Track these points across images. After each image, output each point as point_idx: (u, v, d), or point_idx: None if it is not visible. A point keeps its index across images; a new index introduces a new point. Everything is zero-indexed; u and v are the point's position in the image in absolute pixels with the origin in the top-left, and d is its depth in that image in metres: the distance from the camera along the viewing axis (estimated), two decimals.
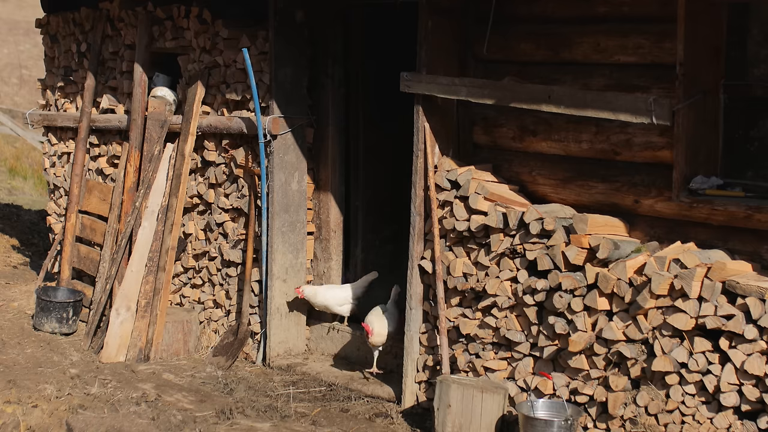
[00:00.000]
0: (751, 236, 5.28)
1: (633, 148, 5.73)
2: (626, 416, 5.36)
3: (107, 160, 8.83)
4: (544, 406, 5.58)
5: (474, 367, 6.10)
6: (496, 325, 5.98)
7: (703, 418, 5.08)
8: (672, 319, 5.14)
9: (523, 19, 6.23)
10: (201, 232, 8.04)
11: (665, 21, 5.41)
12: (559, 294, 5.59)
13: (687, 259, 5.13)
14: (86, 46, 9.02)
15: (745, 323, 4.91)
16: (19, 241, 11.28)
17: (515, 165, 6.36)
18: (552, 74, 6.04)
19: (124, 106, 8.63)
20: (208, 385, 7.00)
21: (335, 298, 7.42)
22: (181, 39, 8.06)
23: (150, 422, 6.08)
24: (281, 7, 7.30)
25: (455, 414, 5.73)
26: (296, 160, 7.48)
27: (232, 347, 7.56)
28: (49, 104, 9.66)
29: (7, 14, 29.22)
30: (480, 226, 6.01)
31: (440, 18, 6.34)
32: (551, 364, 5.76)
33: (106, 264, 8.22)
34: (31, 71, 24.82)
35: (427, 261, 6.34)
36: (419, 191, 6.39)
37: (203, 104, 7.88)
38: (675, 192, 5.44)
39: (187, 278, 8.20)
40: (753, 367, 4.87)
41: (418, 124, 6.37)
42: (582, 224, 5.54)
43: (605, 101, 5.53)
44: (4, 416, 6.14)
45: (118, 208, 8.31)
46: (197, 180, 8.00)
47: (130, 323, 7.68)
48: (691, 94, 5.33)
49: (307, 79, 7.52)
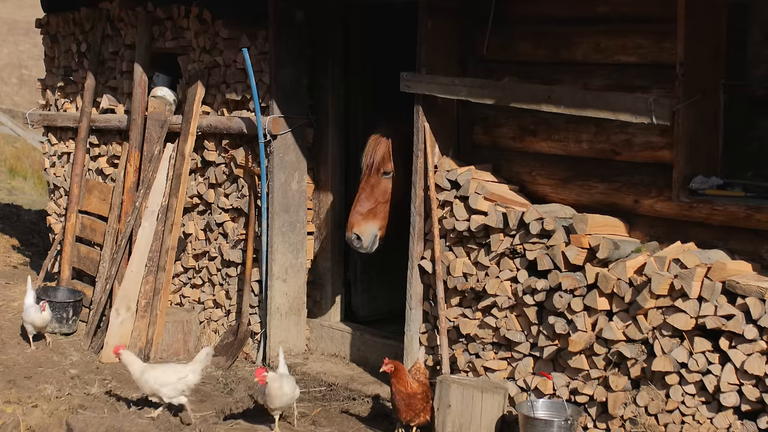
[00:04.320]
0: (751, 236, 5.28)
1: (633, 148, 5.73)
2: (626, 416, 5.36)
3: (107, 160, 8.83)
4: (544, 406, 5.58)
5: (474, 367, 6.10)
6: (496, 325, 5.98)
7: (703, 418, 5.08)
8: (672, 319, 5.14)
9: (523, 19, 6.23)
10: (201, 232, 8.04)
11: (665, 21, 5.41)
12: (559, 294, 5.59)
13: (687, 259, 5.12)
14: (86, 46, 9.02)
15: (745, 323, 4.91)
16: (19, 241, 11.28)
17: (515, 165, 6.36)
18: (552, 74, 6.04)
19: (124, 106, 8.63)
20: (208, 385, 6.99)
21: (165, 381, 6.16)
22: (181, 39, 8.06)
23: (150, 422, 6.08)
24: (281, 7, 7.30)
25: (455, 414, 5.72)
26: (296, 160, 7.48)
27: (232, 347, 7.56)
28: (49, 104, 9.67)
29: (7, 14, 29.21)
30: (480, 226, 6.01)
31: (440, 18, 6.34)
32: (551, 364, 5.76)
33: (106, 264, 8.22)
34: (31, 71, 24.82)
35: (427, 261, 6.34)
36: (419, 191, 6.39)
37: (203, 104, 7.88)
38: (675, 192, 5.43)
39: (187, 278, 8.20)
40: (753, 367, 4.87)
41: (418, 124, 6.37)
42: (582, 224, 5.54)
43: (605, 101, 5.53)
44: (4, 416, 6.14)
45: (118, 208, 8.31)
46: (197, 180, 7.99)
47: (130, 323, 7.68)
48: (691, 94, 5.33)
49: (307, 79, 7.52)
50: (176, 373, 6.14)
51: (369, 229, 6.75)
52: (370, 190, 6.79)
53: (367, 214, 6.75)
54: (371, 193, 6.78)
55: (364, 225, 6.73)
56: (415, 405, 5.72)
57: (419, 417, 5.76)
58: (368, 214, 6.76)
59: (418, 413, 5.75)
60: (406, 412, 5.74)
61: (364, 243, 6.73)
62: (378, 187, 6.79)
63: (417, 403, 5.71)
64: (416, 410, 5.73)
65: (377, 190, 6.78)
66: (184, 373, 6.13)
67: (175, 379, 6.10)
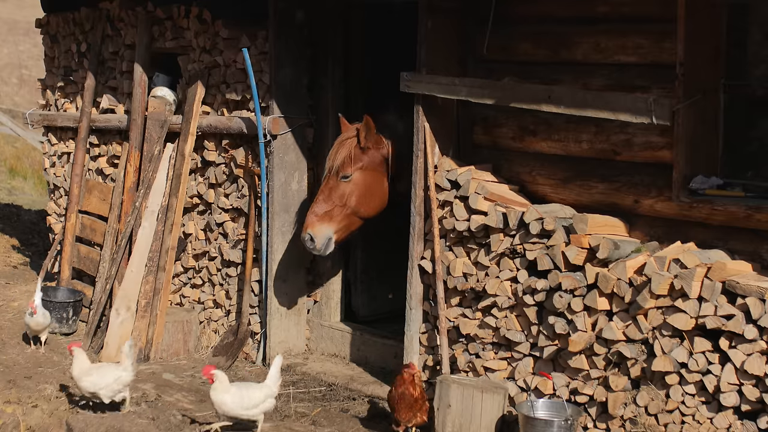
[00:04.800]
0: (751, 236, 5.28)
1: (633, 148, 5.73)
2: (626, 416, 5.36)
3: (107, 160, 8.83)
4: (544, 406, 5.58)
5: (474, 367, 6.10)
6: (496, 325, 5.98)
7: (703, 418, 5.08)
8: (672, 319, 5.14)
9: (523, 19, 6.22)
10: (201, 232, 8.04)
11: (665, 21, 5.41)
12: (559, 294, 5.59)
13: (687, 259, 5.12)
14: (86, 46, 9.02)
15: (745, 323, 4.91)
16: (19, 241, 11.28)
17: (515, 165, 6.36)
18: (552, 74, 6.04)
19: (124, 106, 8.63)
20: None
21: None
22: (181, 39, 8.06)
23: (150, 422, 6.08)
24: (281, 7, 7.30)
25: (455, 414, 5.72)
26: (296, 160, 7.48)
27: (232, 347, 7.56)
28: (49, 104, 9.67)
29: (7, 14, 29.22)
30: (480, 226, 6.01)
31: (440, 18, 6.34)
32: (551, 364, 5.76)
33: (106, 264, 8.22)
34: (31, 71, 24.83)
35: (427, 261, 6.34)
36: (419, 191, 6.39)
37: (203, 104, 7.88)
38: (675, 192, 5.43)
39: (187, 278, 8.20)
40: (753, 367, 4.87)
41: (418, 123, 6.37)
42: (582, 224, 5.54)
43: (605, 101, 5.53)
44: (4, 416, 6.14)
45: (118, 208, 8.31)
46: (197, 180, 7.99)
47: (130, 323, 7.68)
48: (691, 94, 5.33)
49: (307, 79, 7.52)
50: (112, 374, 6.20)
51: (323, 231, 6.72)
52: (328, 193, 6.75)
53: (323, 216, 6.72)
54: (329, 196, 6.74)
55: (318, 226, 6.70)
56: (416, 407, 5.75)
57: (416, 418, 5.79)
58: (324, 216, 6.72)
59: (416, 414, 5.78)
60: (406, 413, 5.75)
61: (317, 245, 6.71)
62: (336, 190, 6.74)
63: (417, 405, 5.74)
64: (415, 411, 5.77)
65: (335, 194, 6.74)
66: (118, 374, 6.20)
67: (111, 380, 6.19)
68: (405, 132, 6.68)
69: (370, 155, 6.74)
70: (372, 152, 6.75)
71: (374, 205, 6.86)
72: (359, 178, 6.74)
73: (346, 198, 6.74)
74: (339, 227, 6.77)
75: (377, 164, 6.80)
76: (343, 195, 6.74)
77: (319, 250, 6.75)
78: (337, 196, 6.74)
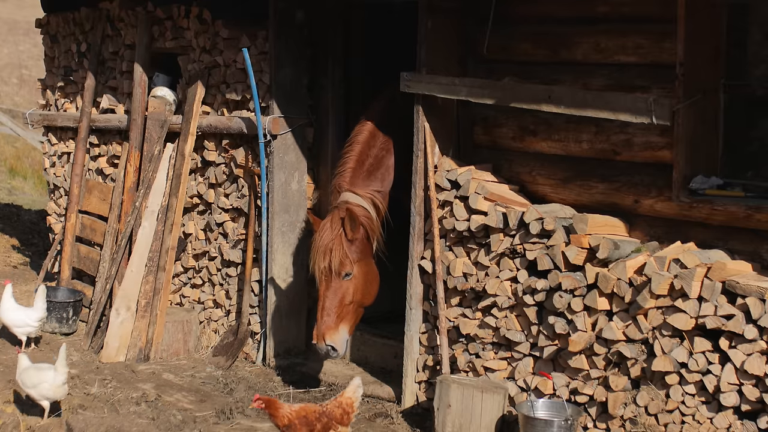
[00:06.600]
0: (751, 236, 5.28)
1: (633, 148, 5.73)
2: (626, 416, 5.36)
3: (107, 160, 8.83)
4: (544, 406, 5.58)
5: (474, 367, 6.10)
6: (496, 325, 5.98)
7: (703, 418, 5.08)
8: (672, 319, 5.14)
9: (523, 19, 6.23)
10: (201, 232, 8.04)
11: (665, 21, 5.41)
12: (559, 294, 5.59)
13: (687, 259, 5.12)
14: (86, 46, 9.02)
15: (745, 323, 4.91)
16: (19, 241, 11.28)
17: (515, 165, 6.36)
18: (552, 74, 6.04)
19: (124, 106, 8.63)
20: (208, 385, 7.00)
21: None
22: (181, 39, 8.06)
23: (150, 422, 6.08)
24: (281, 7, 7.30)
25: (455, 414, 5.73)
26: (296, 160, 7.48)
27: (232, 347, 7.56)
28: (49, 104, 9.67)
29: (7, 14, 29.24)
30: (480, 226, 6.01)
31: (440, 18, 6.34)
32: (551, 364, 5.76)
33: (106, 264, 8.22)
34: (31, 71, 24.83)
35: (427, 261, 6.34)
36: (419, 191, 6.39)
37: (203, 104, 7.88)
38: (675, 192, 5.43)
39: (187, 278, 8.20)
40: (753, 367, 4.87)
41: (418, 123, 6.37)
42: (582, 224, 5.54)
43: (605, 101, 5.53)
44: (4, 416, 6.14)
45: (118, 208, 8.31)
46: (197, 180, 7.99)
47: (130, 323, 7.68)
48: (691, 94, 5.33)
49: (307, 79, 7.52)
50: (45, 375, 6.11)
51: (340, 336, 6.43)
52: (333, 295, 6.43)
53: (336, 321, 6.42)
54: (335, 298, 6.43)
55: (335, 335, 6.39)
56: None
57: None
58: (336, 320, 6.42)
59: None
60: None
61: (339, 353, 6.43)
62: (340, 290, 6.45)
63: None
64: None
65: (339, 294, 6.45)
66: (51, 375, 6.09)
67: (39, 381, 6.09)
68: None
69: (357, 244, 6.51)
70: (357, 240, 6.51)
71: (375, 291, 6.69)
72: (359, 271, 6.53)
73: (351, 295, 6.51)
74: (350, 324, 6.56)
75: (366, 249, 6.59)
76: (347, 293, 6.49)
77: (342, 355, 6.52)
78: (342, 296, 6.47)
